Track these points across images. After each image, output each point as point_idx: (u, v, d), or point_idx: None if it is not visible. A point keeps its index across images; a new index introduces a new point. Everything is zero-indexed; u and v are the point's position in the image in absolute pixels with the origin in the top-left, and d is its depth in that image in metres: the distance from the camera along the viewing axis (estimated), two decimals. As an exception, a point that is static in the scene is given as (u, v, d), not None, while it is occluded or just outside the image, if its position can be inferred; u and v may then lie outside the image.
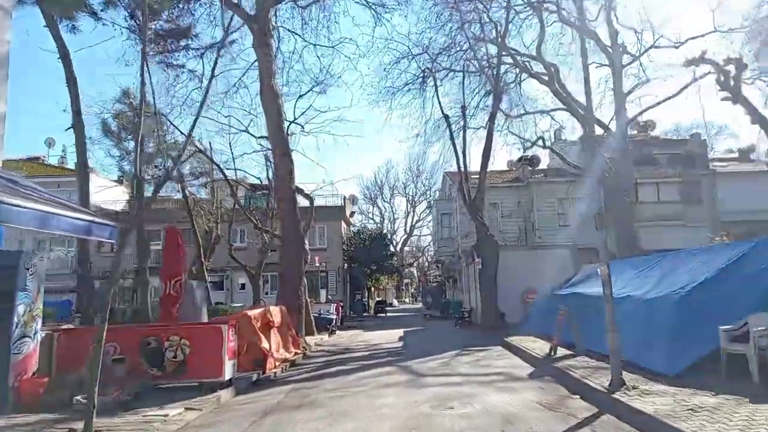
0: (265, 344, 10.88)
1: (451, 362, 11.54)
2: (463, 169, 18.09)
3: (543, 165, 39.06)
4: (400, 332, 20.58)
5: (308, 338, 17.87)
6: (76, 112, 11.04)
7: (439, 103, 19.49)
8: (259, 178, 21.05)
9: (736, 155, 40.25)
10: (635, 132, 35.07)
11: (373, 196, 62.61)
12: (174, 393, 7.98)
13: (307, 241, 19.94)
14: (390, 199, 63.56)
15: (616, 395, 6.83)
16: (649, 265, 13.46)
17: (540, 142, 26.51)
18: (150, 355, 8.36)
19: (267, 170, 23.30)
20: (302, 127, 21.13)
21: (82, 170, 11.04)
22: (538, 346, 12.35)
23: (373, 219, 60.40)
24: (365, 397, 7.90)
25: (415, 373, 10.19)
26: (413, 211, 62.95)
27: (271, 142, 15.56)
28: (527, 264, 18.15)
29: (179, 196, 27.13)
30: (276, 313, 12.72)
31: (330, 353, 14.18)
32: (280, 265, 15.22)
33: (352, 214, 40.51)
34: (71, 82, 11.03)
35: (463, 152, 18.39)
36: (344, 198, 36.75)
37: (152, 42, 14.21)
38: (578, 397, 7.54)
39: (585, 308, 11.96)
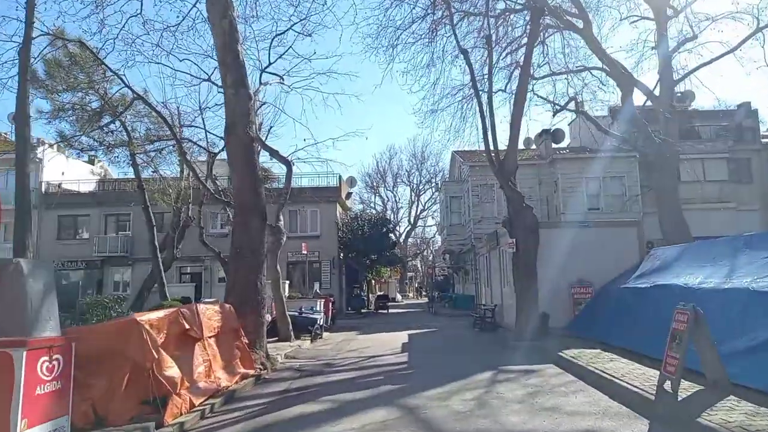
0: (170, 371, 6.30)
1: (488, 398, 6.93)
2: (488, 119, 13.44)
3: (563, 144, 34.37)
4: (404, 336, 15.99)
5: (280, 346, 13.33)
6: None
7: (456, 37, 14.74)
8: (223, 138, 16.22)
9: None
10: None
11: (375, 184, 58.16)
12: None
13: (282, 219, 15.38)
14: (393, 188, 59.09)
15: None
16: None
17: (572, 105, 21.90)
18: None
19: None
20: (281, 78, 16.51)
21: None
22: (625, 369, 7.73)
23: (375, 209, 55.92)
24: None
25: (432, 429, 5.61)
26: (418, 200, 58.47)
27: (220, 70, 10.99)
28: (573, 247, 13.50)
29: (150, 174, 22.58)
30: (210, 315, 8.14)
31: (301, 374, 9.61)
32: (231, 243, 10.66)
33: (349, 195, 35.80)
34: None
35: (489, 98, 13.69)
36: (340, 177, 32.07)
37: None
38: None
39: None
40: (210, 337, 8.01)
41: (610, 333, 10.48)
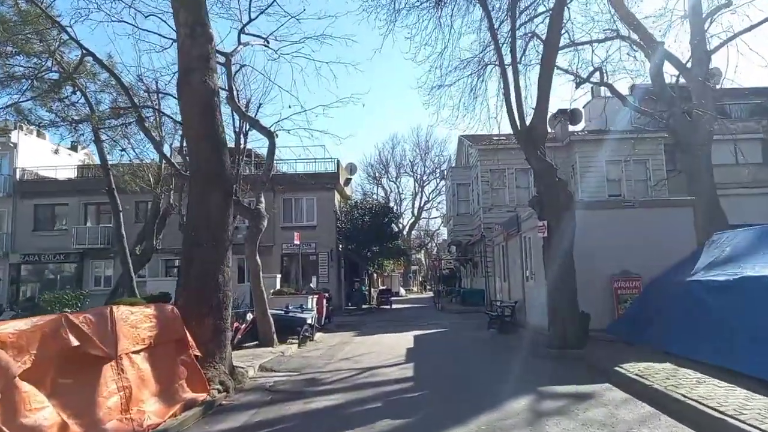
0: (34, 416, 3.94)
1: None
2: (511, 76, 10.94)
3: (578, 127, 31.88)
4: (408, 338, 13.66)
5: (259, 353, 11.01)
6: None
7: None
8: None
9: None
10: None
11: (377, 174, 55.77)
12: None
13: (263, 201, 13.01)
14: (396, 179, 56.68)
15: None
16: None
17: (595, 76, 19.41)
18: None
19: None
20: (265, 41, 14.11)
21: None
22: (733, 400, 5.32)
23: (377, 199, 53.60)
24: None
25: None
26: (422, 191, 56.08)
27: (172, 4, 8.59)
28: (614, 232, 11.11)
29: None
30: (137, 321, 5.77)
31: (272, 396, 7.24)
32: (185, 226, 8.30)
33: (348, 181, 33.33)
34: None
35: (512, 45, 11.22)
36: (338, 162, 29.63)
37: None
38: None
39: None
40: (135, 353, 5.66)
41: (676, 340, 8.07)
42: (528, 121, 11.03)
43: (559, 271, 9.66)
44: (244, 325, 12.33)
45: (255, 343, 11.97)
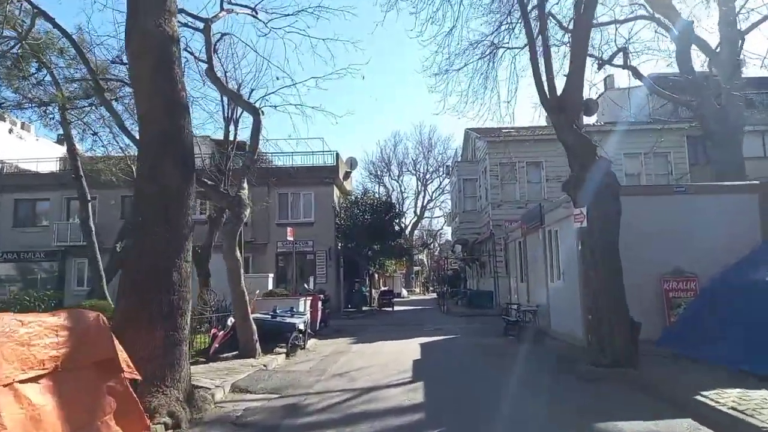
0: None
1: None
2: (537, 36, 9.14)
3: (592, 119, 29.99)
4: (414, 347, 11.84)
5: (237, 366, 9.21)
6: None
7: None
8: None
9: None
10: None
11: (379, 173, 54.00)
12: None
13: (245, 186, 11.18)
14: (398, 177, 54.90)
15: None
16: None
17: (618, 58, 17.72)
18: None
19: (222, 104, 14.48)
20: (253, 11, 12.40)
21: None
22: None
23: (379, 196, 51.82)
24: None
25: None
26: (424, 190, 54.30)
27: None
28: (662, 222, 9.32)
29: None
30: (31, 336, 3.99)
31: None
32: (132, 209, 6.52)
33: (348, 175, 31.51)
34: None
35: (539, 5, 9.42)
36: (337, 155, 27.82)
37: None
38: None
39: None
40: (27, 382, 3.88)
41: (765, 357, 6.25)
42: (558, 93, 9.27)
43: (602, 269, 7.85)
44: (222, 332, 10.57)
45: (234, 354, 10.18)
